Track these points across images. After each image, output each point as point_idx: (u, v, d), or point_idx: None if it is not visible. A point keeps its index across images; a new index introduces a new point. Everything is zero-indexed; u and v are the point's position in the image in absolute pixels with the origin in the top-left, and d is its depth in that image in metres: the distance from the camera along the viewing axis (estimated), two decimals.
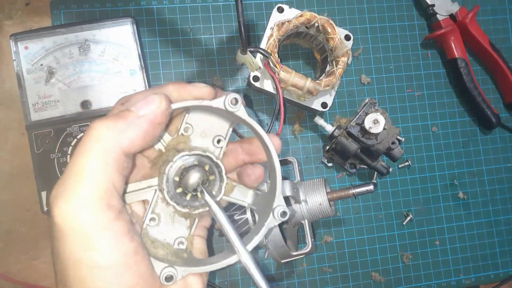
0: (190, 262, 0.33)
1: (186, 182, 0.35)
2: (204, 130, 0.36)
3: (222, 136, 0.37)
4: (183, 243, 0.36)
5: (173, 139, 0.36)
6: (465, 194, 0.68)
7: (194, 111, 0.36)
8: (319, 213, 0.54)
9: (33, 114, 0.56)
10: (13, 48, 0.56)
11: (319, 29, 0.59)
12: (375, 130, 0.57)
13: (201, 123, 0.36)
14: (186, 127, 0.36)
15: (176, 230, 0.36)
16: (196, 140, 0.36)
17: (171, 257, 0.34)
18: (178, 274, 0.32)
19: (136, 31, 0.58)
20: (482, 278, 0.68)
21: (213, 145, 0.37)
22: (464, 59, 0.67)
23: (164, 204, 0.35)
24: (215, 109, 0.34)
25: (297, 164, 0.59)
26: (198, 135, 0.36)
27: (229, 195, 0.37)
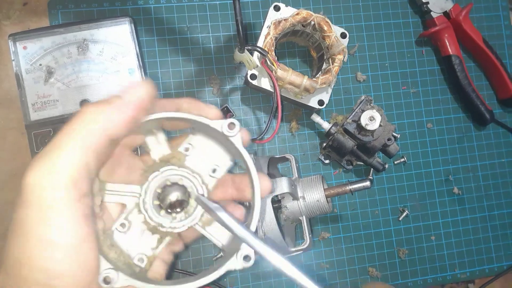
0: (137, 277, 0.32)
1: (164, 196, 0.35)
2: (204, 155, 0.36)
3: (219, 167, 0.36)
4: (142, 260, 0.34)
5: (170, 154, 0.36)
6: (460, 190, 0.69)
7: (198, 133, 0.36)
8: (317, 209, 0.55)
9: (33, 114, 0.56)
10: (11, 48, 0.56)
11: (315, 27, 0.60)
12: (371, 127, 0.58)
13: (202, 147, 0.36)
14: (187, 147, 0.36)
15: (141, 244, 0.35)
16: (192, 162, 0.36)
17: (121, 264, 0.33)
18: (118, 281, 0.31)
19: (134, 30, 0.59)
20: (477, 273, 0.69)
21: (208, 174, 0.36)
22: (458, 56, 0.68)
23: (138, 213, 0.34)
24: (212, 131, 0.34)
25: (294, 161, 0.59)
26: (196, 158, 0.36)
27: (205, 228, 0.35)
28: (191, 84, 0.65)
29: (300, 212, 0.55)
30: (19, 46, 0.56)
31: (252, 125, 0.66)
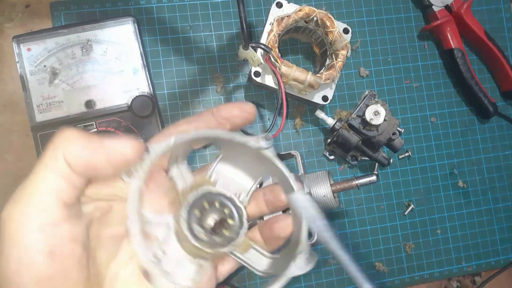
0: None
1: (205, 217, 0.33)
2: (232, 178, 0.36)
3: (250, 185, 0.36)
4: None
5: (199, 179, 0.35)
6: (464, 183, 0.70)
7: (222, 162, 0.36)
8: (324, 205, 0.55)
9: (38, 115, 0.56)
10: (16, 50, 0.56)
11: (318, 23, 0.60)
12: (376, 121, 0.58)
13: (229, 171, 0.36)
14: (211, 174, 0.36)
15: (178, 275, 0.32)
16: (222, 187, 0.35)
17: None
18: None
19: (138, 30, 0.59)
20: (483, 265, 0.69)
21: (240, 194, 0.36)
22: (461, 49, 0.68)
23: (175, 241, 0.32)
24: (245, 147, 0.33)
25: (300, 157, 0.59)
26: (225, 182, 0.36)
27: (243, 254, 0.34)
28: (195, 83, 0.65)
29: None
30: (23, 48, 0.57)
31: (256, 123, 0.66)
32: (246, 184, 0.36)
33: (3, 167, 0.60)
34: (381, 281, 0.66)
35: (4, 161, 0.60)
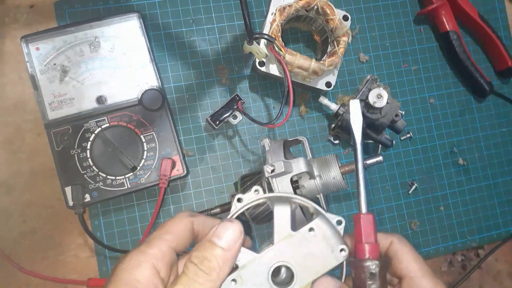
0: None
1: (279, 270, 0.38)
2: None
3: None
4: None
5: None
6: (464, 161, 0.72)
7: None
8: (333, 187, 0.57)
9: (50, 113, 0.57)
10: (24, 50, 0.57)
11: (319, 11, 0.61)
12: (379, 104, 0.60)
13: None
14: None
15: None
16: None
17: None
18: None
19: (143, 25, 0.60)
20: (485, 239, 0.72)
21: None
22: (456, 31, 0.70)
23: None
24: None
25: (307, 142, 0.61)
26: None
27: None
28: (200, 75, 0.66)
29: (317, 190, 0.57)
30: (31, 48, 0.57)
31: (262, 112, 0.67)
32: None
33: (17, 167, 0.61)
34: None
35: (18, 161, 0.61)
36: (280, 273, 0.38)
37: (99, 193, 0.57)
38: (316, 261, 0.38)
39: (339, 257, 0.37)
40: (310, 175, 0.57)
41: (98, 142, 0.58)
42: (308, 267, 0.37)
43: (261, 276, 0.37)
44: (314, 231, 0.38)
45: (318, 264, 0.38)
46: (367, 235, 0.37)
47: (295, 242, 0.38)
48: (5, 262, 0.59)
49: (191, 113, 0.65)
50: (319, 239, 0.38)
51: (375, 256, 0.37)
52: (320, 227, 0.38)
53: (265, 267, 0.37)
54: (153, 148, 0.59)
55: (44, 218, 0.61)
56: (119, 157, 0.57)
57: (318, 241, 0.38)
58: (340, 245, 0.38)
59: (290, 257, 0.37)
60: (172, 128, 0.60)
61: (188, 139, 0.65)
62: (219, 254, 0.33)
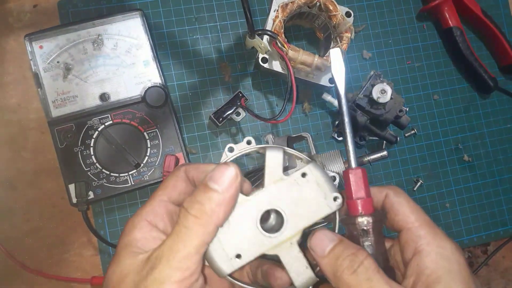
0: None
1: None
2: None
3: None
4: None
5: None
6: (470, 157, 0.72)
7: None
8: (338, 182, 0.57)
9: (54, 111, 0.57)
10: (28, 48, 0.57)
11: (321, 8, 0.61)
12: (383, 99, 0.60)
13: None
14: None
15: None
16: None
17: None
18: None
19: (146, 23, 0.60)
20: (492, 235, 0.71)
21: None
22: (459, 27, 0.70)
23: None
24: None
25: (311, 138, 0.61)
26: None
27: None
28: (203, 73, 0.66)
29: None
30: (35, 46, 0.58)
31: (265, 109, 0.67)
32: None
33: (21, 165, 0.61)
34: None
35: (21, 159, 0.61)
36: (270, 218, 0.37)
37: (103, 190, 0.57)
38: (308, 208, 0.36)
39: (332, 205, 0.35)
40: None
41: (101, 139, 0.58)
42: (299, 213, 0.35)
43: (250, 220, 0.35)
44: (307, 176, 0.36)
45: (310, 210, 0.36)
46: (357, 190, 0.35)
47: (286, 187, 0.36)
48: (9, 261, 0.59)
49: (194, 111, 0.65)
50: (312, 184, 0.36)
51: (367, 211, 0.35)
52: (313, 173, 0.36)
53: (254, 211, 0.35)
54: (156, 145, 0.59)
55: (48, 216, 0.61)
56: (123, 154, 0.57)
57: (311, 187, 0.36)
58: (334, 193, 0.36)
59: (281, 201, 0.35)
60: (176, 125, 0.60)
61: (191, 137, 0.65)
62: (212, 197, 0.32)
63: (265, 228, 0.35)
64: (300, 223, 0.35)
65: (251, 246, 0.34)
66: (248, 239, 0.34)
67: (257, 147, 0.38)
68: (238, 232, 0.34)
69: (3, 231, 0.60)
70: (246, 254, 0.34)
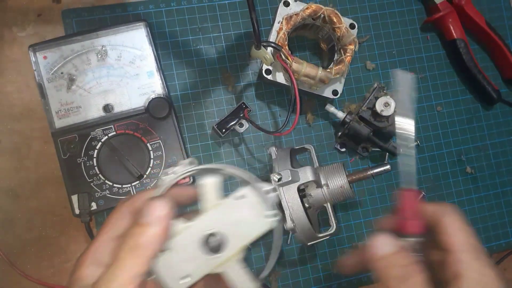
0: None
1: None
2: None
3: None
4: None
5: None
6: (472, 169, 0.71)
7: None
8: (341, 196, 0.57)
9: (57, 121, 0.58)
10: (32, 59, 0.57)
11: (325, 19, 0.61)
12: (387, 112, 0.60)
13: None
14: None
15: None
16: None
17: None
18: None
19: (150, 33, 0.60)
20: (494, 248, 0.71)
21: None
22: (463, 39, 0.70)
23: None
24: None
25: (314, 151, 0.61)
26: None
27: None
28: (206, 83, 0.66)
29: (325, 199, 0.57)
30: (39, 56, 0.58)
31: (268, 120, 0.67)
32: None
33: (24, 174, 0.61)
34: None
35: (24, 168, 0.61)
36: (213, 239, 0.39)
37: (106, 201, 0.57)
38: (246, 227, 0.39)
39: (269, 222, 0.39)
40: (317, 184, 0.56)
41: (104, 150, 0.58)
42: (239, 233, 0.38)
43: (192, 244, 0.38)
44: (244, 198, 0.39)
45: (249, 229, 0.39)
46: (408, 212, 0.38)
47: (225, 209, 0.39)
48: (11, 269, 0.59)
49: (198, 121, 0.65)
50: (249, 205, 0.39)
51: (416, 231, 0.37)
52: (250, 194, 0.40)
53: (195, 235, 0.38)
54: (159, 156, 0.59)
55: (50, 225, 0.61)
56: (126, 165, 0.57)
57: (248, 207, 0.39)
58: (271, 211, 0.39)
59: (220, 223, 0.38)
60: (179, 136, 0.60)
61: (194, 147, 0.65)
62: (144, 231, 0.34)
63: (210, 248, 0.38)
64: (240, 242, 0.38)
65: (197, 267, 0.37)
66: (194, 261, 0.37)
67: (196, 169, 0.40)
68: (184, 255, 0.37)
69: (5, 240, 0.60)
70: (193, 274, 0.37)
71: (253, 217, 0.39)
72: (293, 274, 0.65)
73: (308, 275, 0.65)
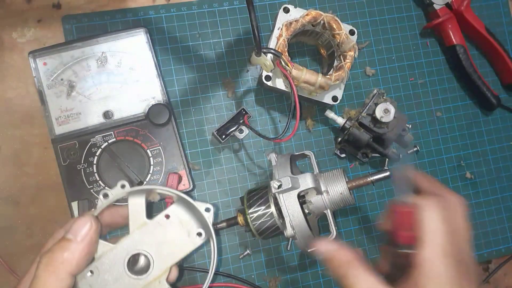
0: None
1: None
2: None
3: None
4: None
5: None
6: (472, 174, 0.72)
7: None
8: (341, 202, 0.57)
9: (57, 128, 0.57)
10: (32, 65, 0.57)
11: (325, 26, 0.61)
12: (386, 119, 0.60)
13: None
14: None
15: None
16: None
17: None
18: None
19: (150, 39, 0.60)
20: (494, 253, 0.71)
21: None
22: (462, 45, 0.70)
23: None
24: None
25: (313, 157, 0.61)
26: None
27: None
28: (206, 89, 0.66)
29: (325, 206, 0.57)
30: (39, 63, 0.58)
31: (268, 125, 0.67)
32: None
33: (24, 180, 0.61)
34: None
35: (24, 174, 0.61)
36: (137, 261, 0.39)
37: None
38: (173, 247, 0.40)
39: (196, 241, 0.40)
40: (317, 191, 0.56)
41: (104, 156, 0.58)
42: (165, 253, 0.39)
43: (118, 265, 0.38)
44: (170, 217, 0.40)
45: (175, 249, 0.40)
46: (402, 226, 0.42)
47: (150, 230, 0.39)
48: (11, 276, 0.59)
49: (197, 127, 0.65)
50: (175, 224, 0.40)
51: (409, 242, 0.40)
52: (176, 213, 0.40)
53: (121, 257, 0.38)
54: (159, 163, 0.59)
55: (50, 232, 0.61)
56: (126, 172, 0.57)
57: (174, 227, 0.40)
58: (197, 229, 0.40)
59: (146, 244, 0.39)
60: (179, 142, 0.60)
61: (194, 153, 0.65)
62: (65, 246, 0.35)
63: (135, 270, 0.39)
64: (166, 262, 0.39)
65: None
66: (119, 283, 0.38)
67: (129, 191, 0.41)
68: (109, 277, 0.38)
69: (5, 247, 0.60)
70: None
71: (178, 237, 0.40)
72: (293, 280, 0.65)
73: (309, 281, 0.65)
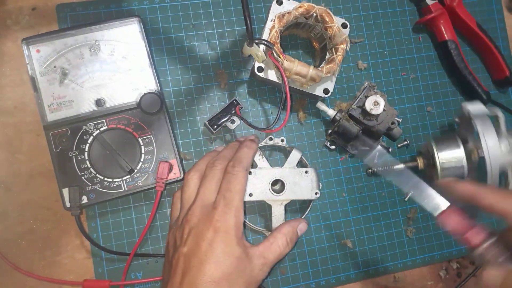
0: None
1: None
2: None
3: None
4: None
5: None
6: None
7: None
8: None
9: (49, 115, 0.58)
10: (25, 52, 0.58)
11: (318, 18, 0.62)
12: (376, 111, 0.60)
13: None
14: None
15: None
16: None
17: None
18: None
19: (143, 29, 0.61)
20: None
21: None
22: (454, 41, 0.70)
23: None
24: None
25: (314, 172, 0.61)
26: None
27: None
28: (199, 80, 0.67)
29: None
30: (32, 50, 0.58)
31: (260, 117, 0.68)
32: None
33: (16, 167, 0.62)
34: (384, 265, 0.69)
35: (17, 161, 0.62)
36: (278, 184, 0.59)
37: (96, 195, 0.58)
38: (300, 190, 0.58)
39: (313, 195, 0.58)
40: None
41: (96, 144, 0.58)
42: (294, 190, 0.58)
43: (266, 179, 0.58)
44: (308, 173, 0.59)
45: (300, 192, 0.58)
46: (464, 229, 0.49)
47: (294, 173, 0.58)
48: (2, 262, 0.59)
49: (189, 117, 0.66)
50: (308, 179, 0.59)
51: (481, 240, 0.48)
52: (311, 173, 0.59)
53: (270, 176, 0.58)
54: (150, 151, 0.60)
55: (42, 219, 0.62)
56: (117, 160, 0.58)
57: (307, 180, 0.58)
58: (317, 190, 0.59)
59: (288, 178, 0.58)
60: (170, 131, 0.60)
61: (185, 143, 0.65)
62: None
63: (272, 188, 0.58)
64: (292, 195, 0.58)
65: (259, 193, 0.57)
66: (260, 189, 0.57)
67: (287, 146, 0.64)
68: (257, 182, 0.57)
69: None
70: (255, 196, 0.57)
71: (307, 187, 0.58)
72: (282, 270, 0.66)
73: (297, 271, 0.66)
